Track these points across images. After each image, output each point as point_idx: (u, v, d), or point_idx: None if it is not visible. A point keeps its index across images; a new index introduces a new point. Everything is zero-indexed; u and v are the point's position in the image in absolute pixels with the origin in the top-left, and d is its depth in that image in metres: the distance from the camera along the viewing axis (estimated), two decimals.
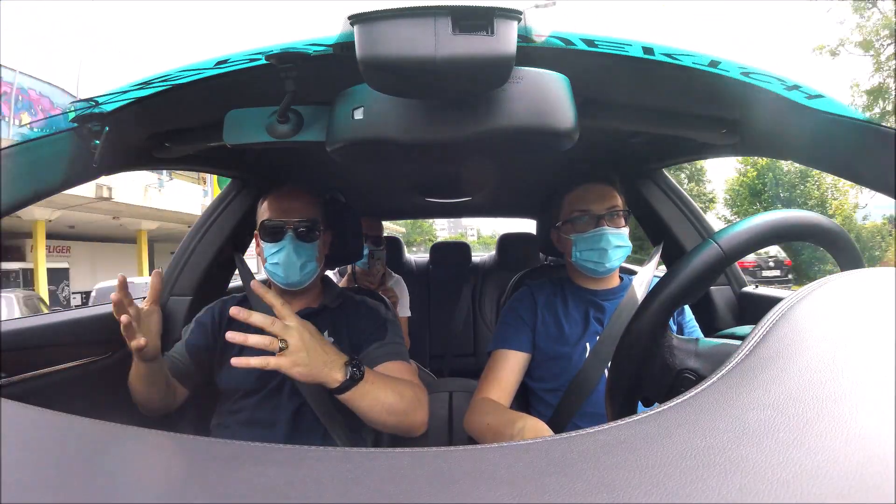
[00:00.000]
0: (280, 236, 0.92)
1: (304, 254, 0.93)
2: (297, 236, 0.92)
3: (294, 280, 0.93)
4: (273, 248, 0.92)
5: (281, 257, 0.91)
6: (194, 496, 0.23)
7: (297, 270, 0.92)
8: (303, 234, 0.93)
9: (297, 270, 0.92)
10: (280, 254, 0.91)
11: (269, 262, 0.93)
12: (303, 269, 0.92)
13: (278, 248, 0.91)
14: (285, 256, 0.91)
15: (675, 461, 0.23)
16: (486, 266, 2.65)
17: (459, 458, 0.26)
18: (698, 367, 0.47)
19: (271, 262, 0.92)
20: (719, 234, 0.49)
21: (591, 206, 0.97)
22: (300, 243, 0.92)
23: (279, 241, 0.92)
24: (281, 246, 0.91)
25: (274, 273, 0.93)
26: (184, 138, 0.85)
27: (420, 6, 0.46)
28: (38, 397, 0.87)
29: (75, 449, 0.28)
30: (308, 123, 0.67)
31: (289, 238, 0.91)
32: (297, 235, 0.92)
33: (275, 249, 0.92)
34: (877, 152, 0.58)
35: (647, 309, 0.49)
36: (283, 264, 0.91)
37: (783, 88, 0.61)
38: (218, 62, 0.62)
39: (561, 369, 0.95)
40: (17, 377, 0.84)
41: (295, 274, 0.92)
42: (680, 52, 0.60)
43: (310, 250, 0.94)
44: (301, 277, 0.93)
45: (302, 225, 0.93)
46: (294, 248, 0.91)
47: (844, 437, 0.23)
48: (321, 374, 0.73)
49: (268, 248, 0.92)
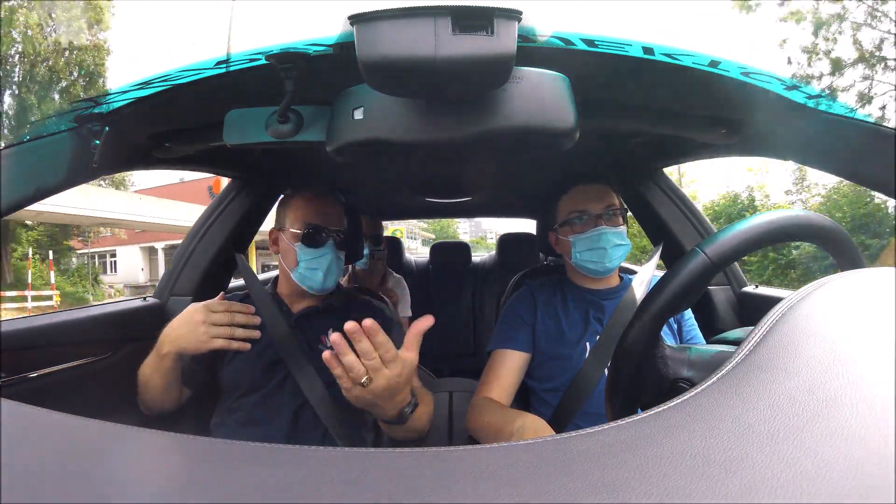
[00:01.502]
0: (323, 242, 0.92)
1: (340, 262, 0.95)
2: (336, 245, 0.94)
3: (328, 286, 0.94)
4: (314, 254, 0.92)
5: (321, 264, 0.92)
6: (194, 496, 0.23)
7: (333, 278, 0.94)
8: (341, 242, 0.95)
9: (333, 278, 0.94)
10: (321, 260, 0.92)
11: (307, 266, 0.92)
12: (336, 276, 0.95)
13: (320, 255, 0.92)
14: (326, 264, 0.92)
15: (675, 461, 0.23)
16: (485, 266, 2.65)
17: (459, 458, 0.26)
18: (692, 377, 0.47)
19: (310, 266, 0.92)
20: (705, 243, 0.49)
21: (589, 207, 0.96)
22: (338, 252, 0.94)
23: (321, 247, 0.92)
24: (322, 253, 0.92)
25: (310, 278, 0.93)
26: (184, 138, 0.85)
27: (420, 6, 0.46)
28: (38, 397, 0.87)
29: (75, 449, 0.28)
30: (308, 123, 0.67)
31: (330, 245, 0.93)
32: (336, 244, 0.94)
33: (316, 255, 0.92)
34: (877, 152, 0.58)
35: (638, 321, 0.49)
36: (322, 270, 0.92)
37: (783, 88, 0.61)
38: (218, 62, 0.62)
39: (561, 369, 0.95)
40: (17, 377, 0.84)
41: (332, 281, 0.94)
42: (680, 52, 0.60)
43: (342, 259, 0.96)
44: (333, 283, 0.95)
45: (341, 234, 0.95)
46: (335, 256, 0.93)
47: (844, 437, 0.23)
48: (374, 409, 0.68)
49: (307, 253, 0.92)
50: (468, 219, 11.77)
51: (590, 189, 0.99)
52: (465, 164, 1.32)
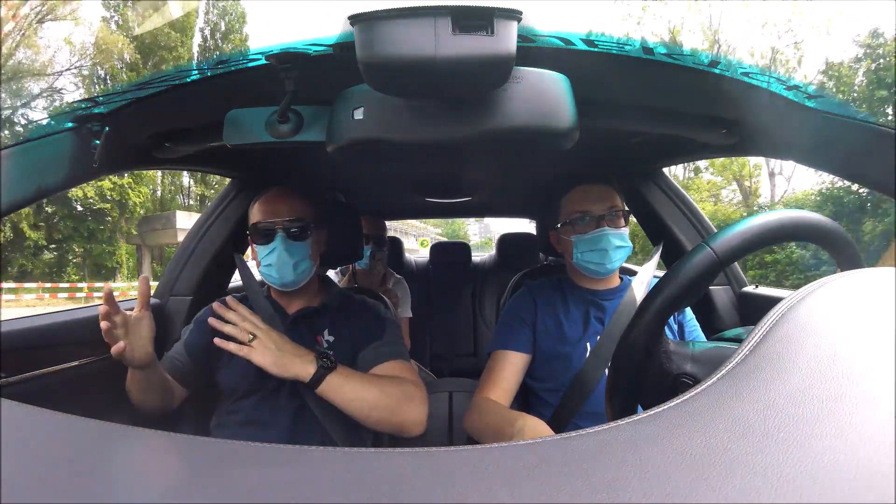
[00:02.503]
0: (271, 238, 0.92)
1: (297, 253, 0.93)
2: (289, 236, 0.92)
3: (288, 280, 0.93)
4: (265, 250, 0.92)
5: (273, 258, 0.91)
6: (194, 496, 0.23)
7: (290, 270, 0.92)
8: (294, 233, 0.93)
9: (290, 270, 0.92)
10: (272, 255, 0.91)
11: (263, 264, 0.93)
12: (296, 268, 0.93)
13: (270, 250, 0.92)
14: (277, 257, 0.91)
15: (675, 461, 0.23)
16: (486, 266, 2.65)
17: (459, 458, 0.26)
18: (695, 372, 0.47)
19: (265, 263, 0.93)
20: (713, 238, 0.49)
21: (591, 207, 0.96)
22: (292, 243, 0.92)
23: (270, 242, 0.92)
24: (272, 247, 0.92)
25: (268, 275, 0.93)
26: (184, 138, 0.85)
27: (420, 6, 0.46)
28: (38, 397, 0.87)
29: (75, 449, 0.28)
30: (308, 123, 0.67)
31: (280, 238, 0.92)
32: (287, 235, 0.92)
33: (267, 251, 0.92)
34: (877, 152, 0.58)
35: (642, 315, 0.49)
36: (276, 265, 0.91)
37: (783, 88, 0.61)
38: (218, 62, 0.62)
39: (561, 369, 0.95)
40: (17, 377, 0.84)
41: (289, 274, 0.92)
42: (680, 52, 0.60)
43: (302, 249, 0.94)
44: (295, 277, 0.93)
45: (292, 225, 0.93)
46: (286, 248, 0.91)
47: (844, 437, 0.22)
48: (293, 365, 0.80)
49: (260, 251, 0.93)
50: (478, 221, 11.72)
51: (592, 189, 0.98)
52: (466, 164, 1.32)
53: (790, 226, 0.49)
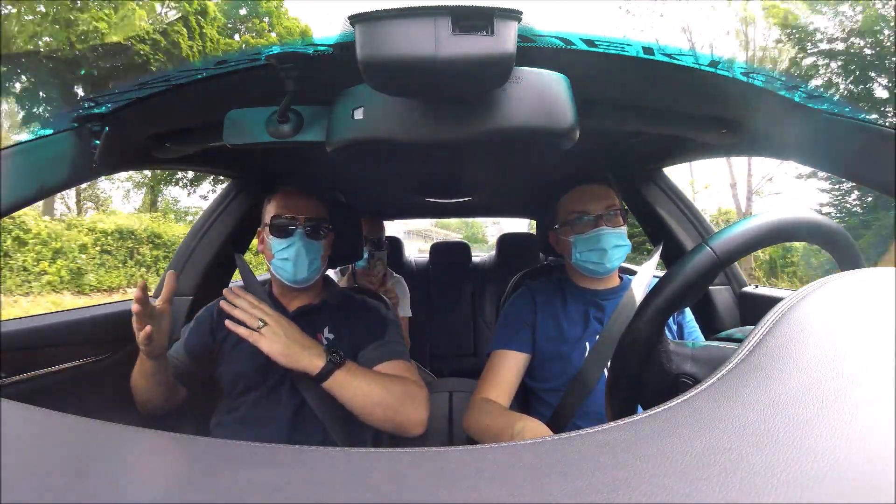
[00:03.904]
0: (290, 233, 0.93)
1: (312, 252, 0.94)
2: (307, 234, 0.94)
3: (301, 277, 0.94)
4: (282, 245, 0.93)
5: (290, 253, 0.92)
6: (194, 496, 0.23)
7: (305, 267, 0.93)
8: (312, 232, 0.94)
9: (305, 267, 0.93)
10: (289, 250, 0.92)
11: (278, 257, 0.94)
12: (311, 266, 0.94)
13: (287, 245, 0.92)
14: (295, 253, 0.92)
15: (675, 461, 0.23)
16: (485, 266, 2.65)
17: (459, 458, 0.26)
18: (695, 372, 0.47)
19: (280, 257, 0.93)
20: (713, 238, 0.49)
21: (589, 207, 0.96)
22: (309, 241, 0.94)
23: (289, 237, 0.93)
24: (290, 242, 0.92)
25: (282, 269, 0.94)
26: (184, 138, 0.85)
27: (420, 6, 0.46)
28: (38, 397, 0.87)
29: (75, 449, 0.28)
30: (308, 123, 0.67)
31: (298, 235, 0.93)
32: (306, 233, 0.94)
33: (284, 245, 0.93)
34: (877, 152, 0.58)
35: (642, 315, 0.49)
36: (292, 260, 0.92)
37: (783, 88, 0.61)
38: (218, 62, 0.62)
39: (561, 369, 0.95)
40: (17, 377, 0.84)
41: (303, 271, 0.93)
42: (680, 52, 0.60)
43: (317, 249, 0.95)
44: (309, 274, 0.94)
45: (311, 223, 0.95)
46: (304, 245, 0.93)
47: (844, 437, 0.22)
48: (301, 357, 0.80)
49: (277, 244, 0.93)
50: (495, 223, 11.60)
51: (591, 189, 0.98)
52: (466, 164, 1.32)
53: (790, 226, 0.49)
